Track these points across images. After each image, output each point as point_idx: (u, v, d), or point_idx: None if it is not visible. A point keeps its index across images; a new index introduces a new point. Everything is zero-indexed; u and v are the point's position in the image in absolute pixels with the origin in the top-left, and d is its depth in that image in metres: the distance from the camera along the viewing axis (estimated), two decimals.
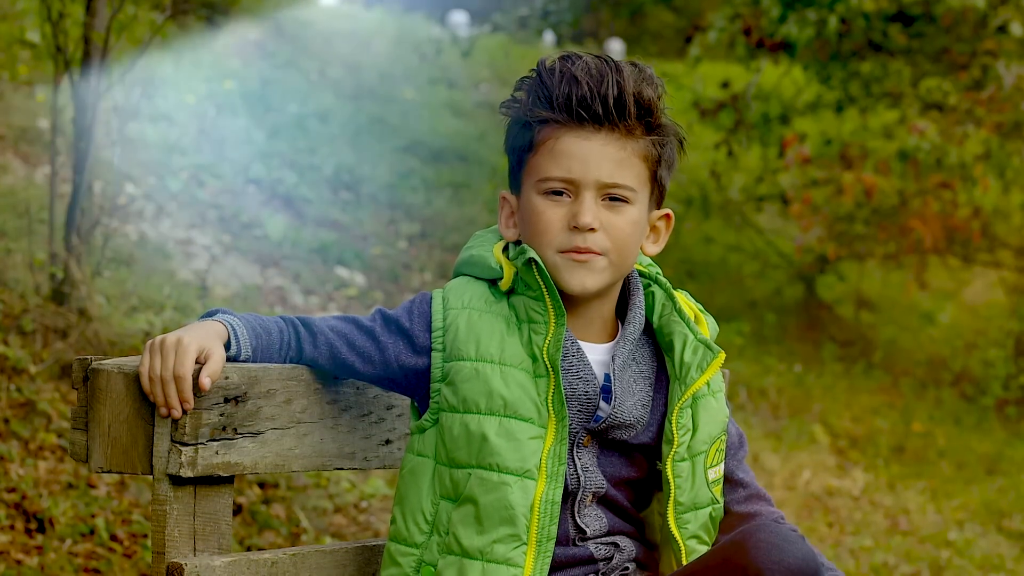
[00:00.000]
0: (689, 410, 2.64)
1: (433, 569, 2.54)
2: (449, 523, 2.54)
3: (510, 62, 13.50)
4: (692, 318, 2.68)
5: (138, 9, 5.91)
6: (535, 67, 2.63)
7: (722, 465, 2.70)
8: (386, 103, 11.54)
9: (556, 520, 2.54)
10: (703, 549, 2.64)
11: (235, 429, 2.49)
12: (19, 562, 4.23)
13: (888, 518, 6.95)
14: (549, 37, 16.96)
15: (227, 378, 2.46)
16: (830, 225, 10.48)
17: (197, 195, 7.88)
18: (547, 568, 2.53)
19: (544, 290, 2.56)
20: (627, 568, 2.64)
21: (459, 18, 16.42)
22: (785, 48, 9.28)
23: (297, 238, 7.96)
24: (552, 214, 2.58)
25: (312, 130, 10.06)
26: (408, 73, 12.82)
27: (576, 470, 2.58)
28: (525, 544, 2.52)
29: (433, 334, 2.57)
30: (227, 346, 2.49)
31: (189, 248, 7.23)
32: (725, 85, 9.70)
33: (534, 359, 2.55)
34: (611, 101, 2.56)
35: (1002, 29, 9.07)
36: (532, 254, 2.56)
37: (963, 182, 9.88)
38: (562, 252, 2.57)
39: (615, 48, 18.03)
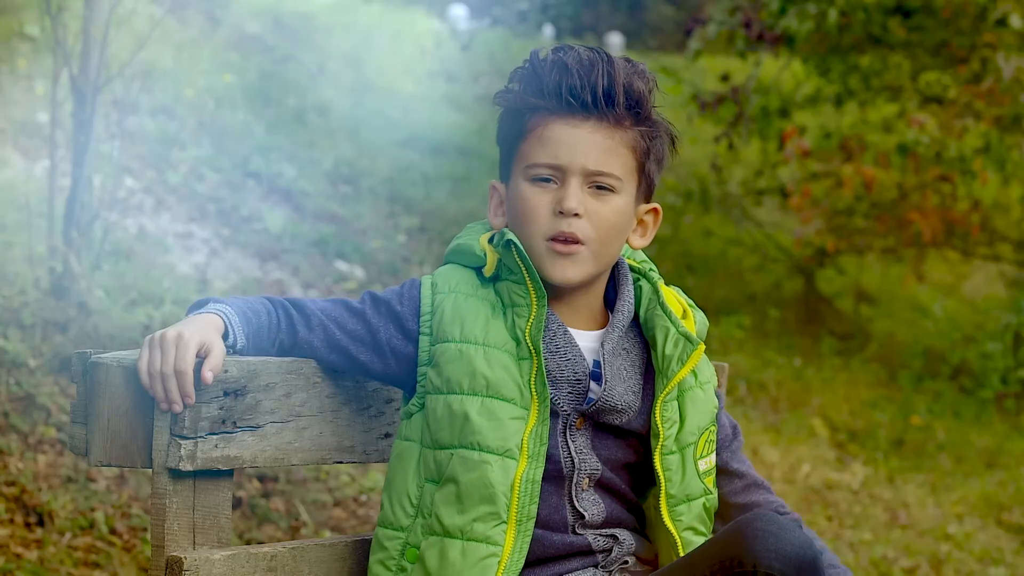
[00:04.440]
0: (675, 402, 2.66)
1: (417, 551, 2.56)
2: (432, 504, 2.56)
3: (510, 56, 13.50)
4: (680, 313, 2.71)
5: (137, 2, 5.91)
6: (528, 57, 2.66)
7: (713, 456, 2.72)
8: (385, 97, 11.54)
9: (536, 500, 2.55)
10: (699, 540, 2.65)
11: (234, 423, 2.49)
12: (19, 556, 4.24)
13: (887, 511, 6.95)
14: (549, 31, 16.98)
15: (226, 372, 2.46)
16: (829, 218, 10.49)
17: (196, 188, 7.87)
18: (526, 547, 2.55)
19: (524, 272, 2.58)
20: (627, 562, 2.65)
21: (459, 12, 16.43)
22: (785, 41, 9.28)
23: (296, 231, 7.96)
24: (538, 200, 2.61)
25: (311, 124, 10.06)
26: (407, 67, 12.81)
27: (570, 452, 2.60)
28: (505, 523, 2.54)
29: (421, 319, 2.60)
30: (224, 336, 2.50)
31: (188, 241, 7.23)
32: (725, 78, 9.70)
33: (517, 342, 2.57)
34: (600, 90, 2.59)
35: (1001, 22, 9.07)
36: (510, 236, 2.59)
37: (962, 175, 9.88)
38: (548, 240, 2.60)
39: (614, 42, 18.03)
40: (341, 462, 2.71)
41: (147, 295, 6.01)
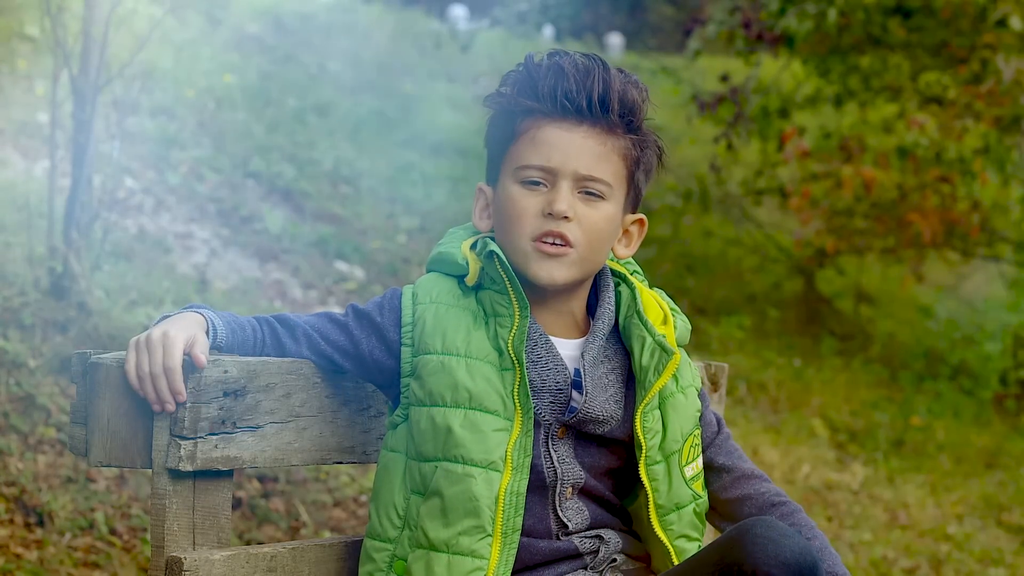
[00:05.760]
0: (657, 411, 2.64)
1: (405, 563, 2.55)
2: (418, 517, 2.55)
3: (509, 57, 13.50)
4: (660, 318, 2.69)
5: (137, 3, 5.91)
6: (522, 61, 2.64)
7: (700, 460, 2.70)
8: (385, 97, 11.54)
9: (521, 512, 2.54)
10: (692, 547, 2.64)
11: (234, 423, 2.49)
12: (19, 556, 4.24)
13: (887, 512, 6.95)
14: (549, 31, 16.97)
15: (226, 372, 2.46)
16: (829, 219, 10.49)
17: (196, 189, 7.88)
18: (512, 560, 2.54)
19: (507, 283, 2.57)
20: (615, 560, 2.64)
21: (458, 12, 16.43)
22: (784, 41, 9.28)
23: (296, 232, 7.96)
24: (528, 202, 2.59)
25: (311, 124, 10.06)
26: (407, 67, 12.82)
27: (552, 462, 2.59)
28: (490, 536, 2.52)
29: (403, 329, 2.59)
30: (207, 334, 2.50)
31: (188, 242, 7.23)
32: (724, 78, 9.70)
33: (500, 352, 2.56)
34: (596, 96, 2.58)
35: (1001, 23, 9.07)
36: (493, 247, 2.58)
37: (962, 176, 9.88)
38: (535, 240, 2.58)
39: (614, 42, 18.03)
40: (341, 462, 2.71)
41: (147, 295, 6.01)
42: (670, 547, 2.63)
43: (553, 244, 2.58)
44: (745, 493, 2.74)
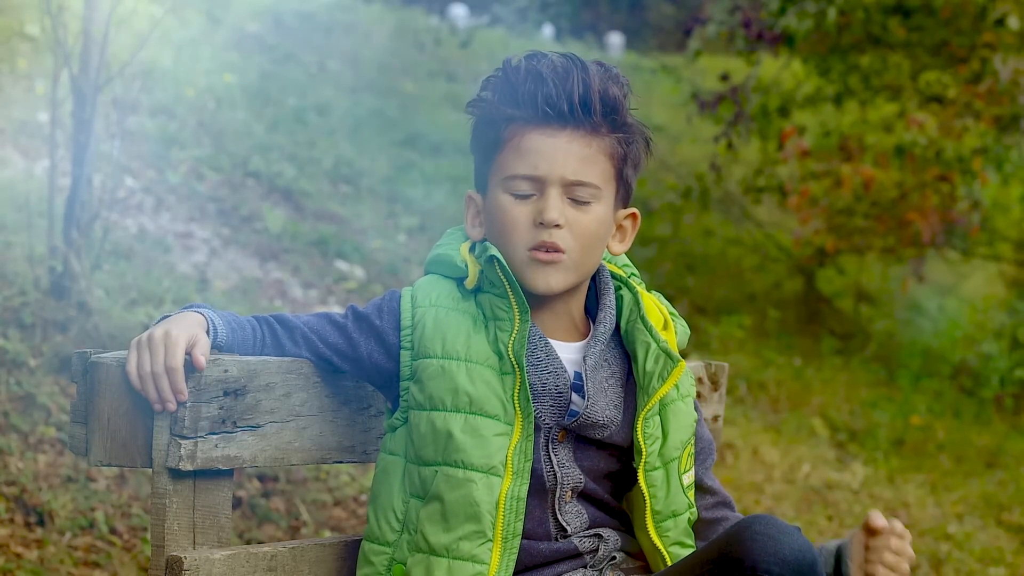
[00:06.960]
0: (657, 418, 2.64)
1: (404, 567, 2.55)
2: (418, 521, 2.55)
3: (509, 55, 13.49)
4: (661, 323, 2.68)
5: (137, 2, 5.91)
6: (500, 66, 2.63)
7: (694, 470, 2.70)
8: (385, 96, 11.54)
9: (522, 517, 2.54)
10: (687, 553, 2.63)
11: (234, 422, 2.49)
12: (19, 556, 4.24)
13: (887, 511, 6.95)
14: (548, 30, 16.97)
15: (226, 371, 2.46)
16: (829, 218, 10.49)
17: (196, 188, 7.88)
18: (512, 564, 2.53)
19: (507, 287, 2.56)
20: (615, 558, 2.64)
21: (459, 11, 16.44)
22: (785, 41, 9.28)
23: (296, 231, 7.96)
24: (518, 212, 2.58)
25: (311, 123, 10.06)
26: (407, 66, 12.82)
27: (552, 466, 2.58)
28: (491, 541, 2.52)
29: (402, 332, 2.58)
30: (207, 334, 2.50)
31: (188, 241, 7.23)
32: (725, 78, 9.70)
33: (500, 356, 2.55)
34: (576, 98, 2.56)
35: (1000, 22, 9.07)
36: (493, 251, 2.56)
37: (962, 175, 9.89)
38: (529, 250, 2.57)
39: (614, 41, 18.02)
40: (341, 462, 2.71)
41: (147, 295, 6.01)
42: (665, 553, 2.63)
43: (547, 252, 2.57)
44: (723, 515, 2.75)
